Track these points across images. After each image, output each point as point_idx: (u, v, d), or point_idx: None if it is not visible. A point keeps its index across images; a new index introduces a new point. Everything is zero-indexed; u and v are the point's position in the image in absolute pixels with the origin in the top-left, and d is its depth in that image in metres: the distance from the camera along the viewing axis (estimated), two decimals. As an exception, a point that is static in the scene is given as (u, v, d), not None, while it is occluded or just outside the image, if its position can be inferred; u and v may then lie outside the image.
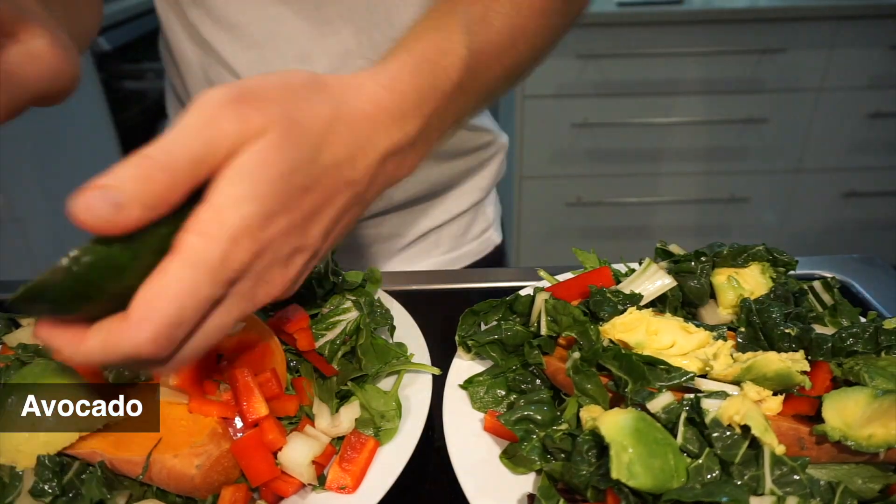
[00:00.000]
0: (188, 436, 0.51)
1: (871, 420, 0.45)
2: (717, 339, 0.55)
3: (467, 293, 0.82)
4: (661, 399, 0.47)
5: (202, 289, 0.34)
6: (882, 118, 2.28)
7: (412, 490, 0.57)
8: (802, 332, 0.53)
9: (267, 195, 0.35)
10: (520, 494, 0.49)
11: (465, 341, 0.61)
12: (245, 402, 0.52)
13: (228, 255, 0.34)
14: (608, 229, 2.58)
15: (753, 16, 2.12)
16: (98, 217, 0.31)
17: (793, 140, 2.36)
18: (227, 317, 0.37)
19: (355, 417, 0.56)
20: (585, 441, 0.46)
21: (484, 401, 0.58)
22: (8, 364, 0.55)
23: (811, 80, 2.24)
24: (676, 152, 2.40)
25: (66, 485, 0.49)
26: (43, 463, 0.49)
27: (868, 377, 0.48)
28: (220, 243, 0.34)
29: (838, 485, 0.44)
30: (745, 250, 0.63)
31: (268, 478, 0.51)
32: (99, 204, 0.31)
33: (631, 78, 2.23)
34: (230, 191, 0.34)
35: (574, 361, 0.53)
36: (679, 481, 0.43)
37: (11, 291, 0.32)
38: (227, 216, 0.34)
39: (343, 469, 0.52)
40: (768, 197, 2.48)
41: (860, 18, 2.13)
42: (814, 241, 2.58)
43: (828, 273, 0.78)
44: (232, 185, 0.35)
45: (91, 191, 0.31)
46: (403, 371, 0.61)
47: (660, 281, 0.60)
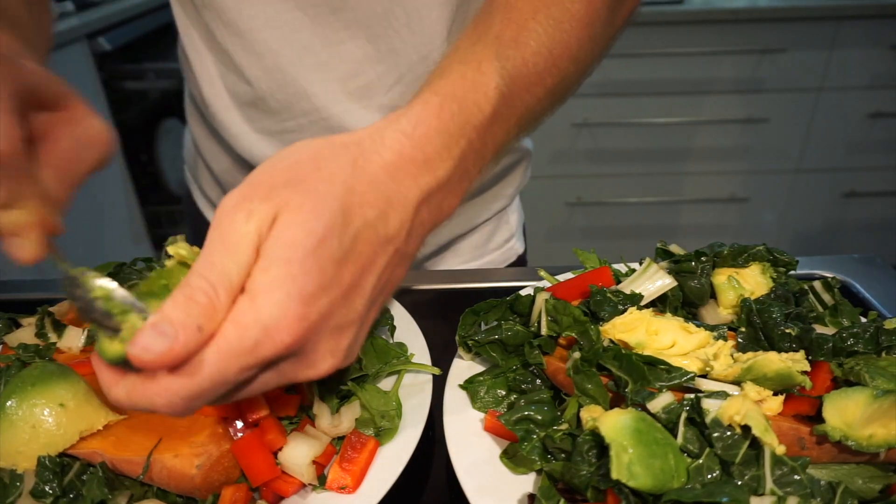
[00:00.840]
0: (188, 436, 0.51)
1: (871, 420, 0.45)
2: (717, 339, 0.55)
3: (467, 293, 0.82)
4: (662, 399, 0.47)
5: (227, 375, 0.34)
6: (882, 118, 2.29)
7: (412, 490, 0.57)
8: (803, 333, 0.53)
9: (299, 275, 0.35)
10: (520, 494, 0.49)
11: (466, 341, 0.61)
12: (245, 402, 0.52)
13: (260, 345, 0.34)
14: (608, 229, 2.58)
15: (753, 16, 2.12)
16: (156, 353, 0.33)
17: (793, 140, 2.36)
18: (257, 386, 0.38)
19: (355, 417, 0.56)
20: (585, 441, 0.46)
21: (484, 401, 0.58)
22: (9, 364, 0.55)
23: (811, 80, 2.24)
24: (676, 152, 2.40)
25: (66, 486, 0.49)
26: (43, 464, 0.49)
27: (868, 377, 0.48)
28: (253, 333, 0.34)
29: (839, 485, 0.43)
30: (746, 250, 0.63)
31: (268, 478, 0.51)
32: (151, 341, 0.33)
33: (631, 78, 2.23)
34: (262, 279, 0.35)
35: (574, 361, 0.53)
36: (679, 481, 0.43)
37: (12, 291, 0.32)
38: (261, 305, 0.34)
39: (343, 469, 0.51)
40: (768, 197, 2.48)
41: (860, 18, 2.13)
42: (814, 241, 2.58)
43: (828, 273, 0.78)
44: (264, 272, 0.35)
45: (143, 331, 0.33)
46: (404, 371, 0.61)
47: (660, 281, 0.60)
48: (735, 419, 0.44)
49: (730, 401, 0.45)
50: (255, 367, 0.35)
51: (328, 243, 0.36)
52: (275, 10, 0.73)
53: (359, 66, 0.76)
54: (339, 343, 0.39)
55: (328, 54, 0.75)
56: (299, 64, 0.76)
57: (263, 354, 0.35)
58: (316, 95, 0.77)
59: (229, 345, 0.34)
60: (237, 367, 0.34)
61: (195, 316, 0.33)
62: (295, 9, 0.73)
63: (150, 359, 0.33)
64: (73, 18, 2.12)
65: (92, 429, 0.52)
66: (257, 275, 0.35)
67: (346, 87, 0.77)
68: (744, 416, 0.44)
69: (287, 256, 0.35)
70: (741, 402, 0.45)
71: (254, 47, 0.76)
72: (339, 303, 0.38)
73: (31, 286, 0.83)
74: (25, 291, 0.82)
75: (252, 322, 0.34)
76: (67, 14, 2.16)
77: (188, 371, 0.34)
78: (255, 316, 0.34)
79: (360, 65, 0.76)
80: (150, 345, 0.33)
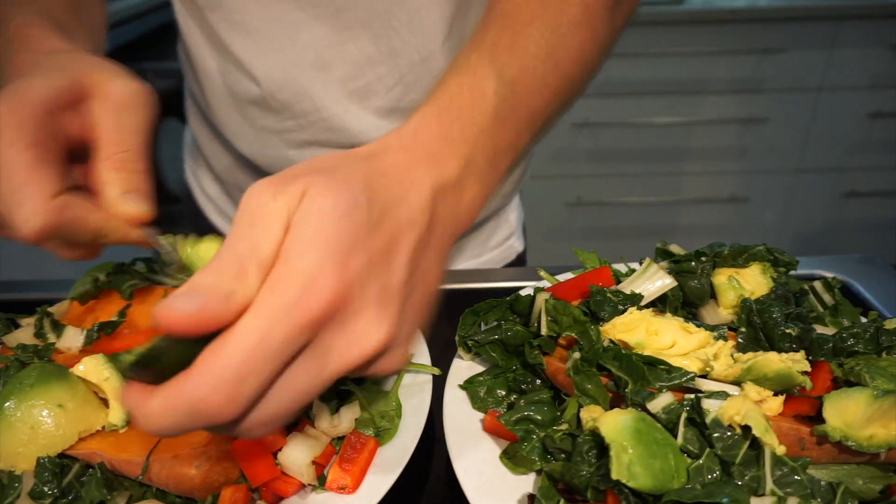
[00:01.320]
0: (188, 436, 0.51)
1: (871, 420, 0.45)
2: (717, 340, 0.55)
3: (467, 293, 0.82)
4: (662, 399, 0.47)
5: (272, 343, 0.32)
6: (882, 118, 2.29)
7: (412, 490, 0.57)
8: (803, 333, 0.53)
9: (332, 236, 0.34)
10: (520, 494, 0.49)
11: (465, 341, 0.61)
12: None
13: (302, 299, 0.32)
14: (608, 229, 2.58)
15: (753, 16, 2.12)
16: (181, 311, 0.30)
17: (793, 140, 2.36)
18: (308, 375, 0.34)
19: (355, 417, 0.56)
20: (585, 441, 0.46)
21: (484, 401, 0.58)
22: (8, 364, 0.55)
23: (811, 80, 2.24)
24: (677, 152, 2.40)
25: (65, 487, 0.49)
26: (43, 465, 0.49)
27: (869, 377, 0.48)
28: (293, 288, 0.32)
29: (839, 485, 0.43)
30: (746, 250, 0.63)
31: (268, 478, 0.51)
32: (177, 302, 0.30)
33: (631, 78, 2.23)
34: (295, 246, 0.34)
35: (574, 361, 0.53)
36: (679, 482, 0.43)
37: (12, 291, 0.32)
38: (297, 264, 0.33)
39: (343, 469, 0.51)
40: (768, 197, 2.48)
41: (860, 18, 2.13)
42: (814, 241, 2.58)
43: (828, 273, 0.78)
44: (296, 240, 0.34)
45: (171, 298, 0.31)
46: (403, 371, 0.61)
47: (660, 281, 0.60)
48: (735, 419, 0.44)
49: (730, 401, 0.45)
50: (301, 331, 0.33)
51: (357, 213, 0.36)
52: (283, 10, 0.74)
53: (360, 67, 0.77)
54: (382, 314, 0.37)
55: (330, 54, 0.76)
56: (302, 63, 0.76)
57: (307, 311, 0.32)
58: (317, 95, 0.78)
59: (270, 306, 0.32)
60: (282, 331, 0.32)
61: (226, 282, 0.31)
62: (299, 9, 0.73)
63: (174, 317, 0.30)
64: (73, 18, 2.12)
65: (91, 429, 0.52)
66: (289, 244, 0.34)
67: (347, 88, 0.78)
68: (744, 417, 0.44)
69: (318, 223, 0.34)
70: (741, 402, 0.45)
71: (259, 47, 0.76)
72: (377, 262, 0.37)
73: (31, 286, 0.83)
74: (24, 291, 0.82)
75: (290, 277, 0.32)
76: (67, 14, 2.16)
77: (228, 342, 0.31)
78: (292, 272, 0.33)
79: (361, 66, 0.77)
80: (175, 304, 0.30)
